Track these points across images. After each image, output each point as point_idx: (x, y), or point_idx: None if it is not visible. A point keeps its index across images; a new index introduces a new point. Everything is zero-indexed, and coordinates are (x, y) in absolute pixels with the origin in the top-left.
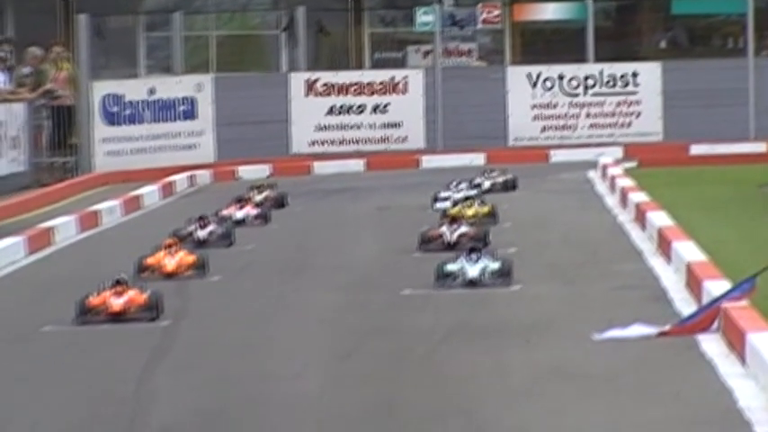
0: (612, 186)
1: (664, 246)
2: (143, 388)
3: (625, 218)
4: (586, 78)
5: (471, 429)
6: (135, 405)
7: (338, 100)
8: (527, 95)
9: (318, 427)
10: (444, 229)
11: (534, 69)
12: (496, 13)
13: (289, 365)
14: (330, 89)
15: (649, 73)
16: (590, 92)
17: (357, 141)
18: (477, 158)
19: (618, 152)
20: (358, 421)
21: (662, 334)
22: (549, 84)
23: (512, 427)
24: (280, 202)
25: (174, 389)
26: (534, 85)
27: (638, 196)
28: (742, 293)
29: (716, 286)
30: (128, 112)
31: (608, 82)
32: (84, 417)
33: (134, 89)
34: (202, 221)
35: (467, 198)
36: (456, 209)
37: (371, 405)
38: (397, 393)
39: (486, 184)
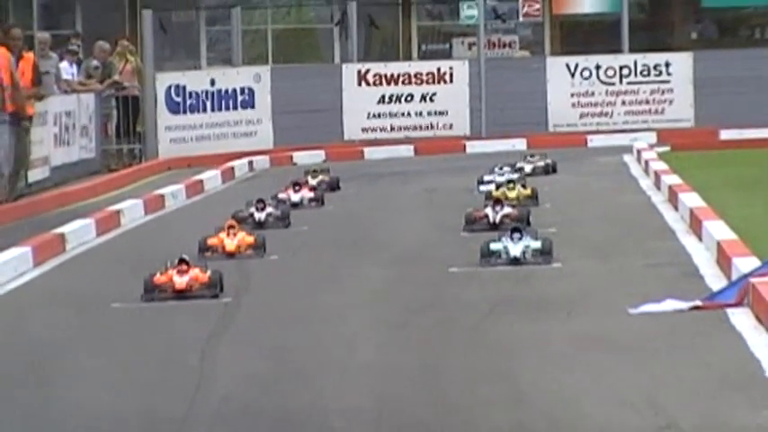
0: (647, 169)
1: (695, 225)
2: (206, 359)
3: (658, 199)
4: (622, 68)
5: (514, 393)
6: (199, 374)
7: (388, 89)
8: (566, 84)
9: (370, 391)
10: (488, 210)
11: (573, 60)
12: (537, 6)
13: (342, 336)
14: (380, 79)
15: (681, 63)
16: (625, 81)
17: (406, 128)
18: (519, 144)
19: (652, 137)
20: (408, 387)
21: (694, 308)
22: (586, 73)
23: (550, 391)
24: (333, 186)
25: (234, 359)
26: (573, 74)
27: (671, 178)
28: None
29: (745, 263)
30: (190, 101)
31: (642, 71)
32: (152, 386)
33: (196, 80)
34: (261, 204)
35: (509, 181)
36: (499, 191)
37: (420, 371)
38: (445, 360)
39: (528, 168)
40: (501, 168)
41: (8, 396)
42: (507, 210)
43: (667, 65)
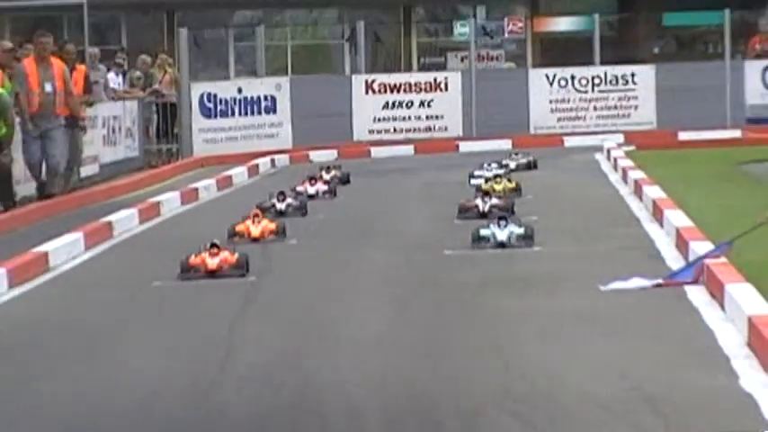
0: (615, 166)
1: (657, 214)
2: (234, 331)
3: (625, 191)
4: (593, 78)
5: (501, 362)
6: (228, 345)
7: (391, 97)
8: (545, 92)
9: (381, 360)
10: (478, 201)
11: (551, 71)
12: (520, 25)
13: (354, 312)
14: (385, 88)
15: (645, 74)
16: (596, 89)
17: (407, 130)
18: (505, 144)
19: (619, 138)
20: (410, 357)
21: (657, 285)
22: (563, 83)
23: (533, 360)
24: (344, 180)
25: (259, 332)
26: (551, 83)
27: (636, 173)
28: (721, 252)
29: (700, 246)
30: (220, 107)
31: (611, 81)
32: (187, 353)
33: (225, 89)
34: (281, 196)
35: (496, 176)
36: (488, 184)
37: (422, 343)
38: (442, 333)
39: (512, 165)
40: (489, 165)
41: (66, 363)
42: (494, 200)
43: (633, 75)
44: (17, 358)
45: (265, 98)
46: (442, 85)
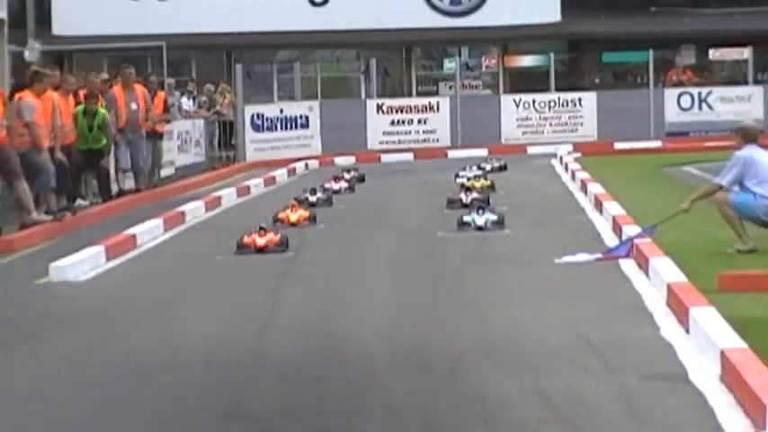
0: (566, 168)
1: (598, 205)
2: (277, 294)
3: (574, 187)
4: (550, 101)
5: (479, 318)
6: (272, 304)
7: (396, 116)
8: (513, 112)
9: (387, 316)
10: (462, 195)
11: (517, 96)
12: (494, 61)
13: (366, 279)
14: (391, 109)
15: (588, 98)
16: (552, 110)
17: (408, 142)
18: (482, 151)
19: (569, 147)
20: (411, 314)
21: (598, 259)
22: (527, 105)
23: (504, 317)
24: (361, 179)
25: (296, 295)
26: (518, 106)
27: (582, 174)
28: (647, 234)
29: (630, 229)
30: (267, 123)
31: (563, 104)
32: (241, 310)
33: (270, 110)
34: (313, 191)
35: (476, 176)
36: (469, 182)
37: (418, 303)
38: (434, 297)
39: (488, 167)
40: (470, 167)
41: (148, 317)
42: (474, 195)
43: (579, 100)
44: (110, 316)
45: (300, 117)
46: (435, 107)
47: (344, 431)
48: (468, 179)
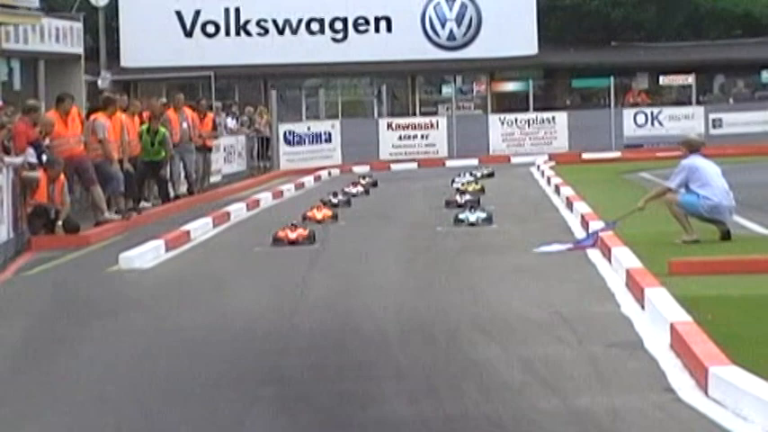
0: (543, 174)
1: (569, 204)
2: (306, 278)
3: (549, 191)
4: (529, 120)
5: (472, 297)
6: (302, 287)
7: (403, 132)
8: (499, 129)
9: (396, 297)
10: (458, 196)
11: (503, 115)
12: (483, 87)
13: (379, 266)
14: (399, 126)
15: (561, 117)
16: (531, 127)
17: (413, 153)
18: (474, 161)
19: (545, 157)
20: (415, 295)
21: (569, 249)
22: (510, 122)
23: (492, 296)
24: (374, 184)
25: (322, 279)
26: (503, 123)
27: (556, 179)
28: (610, 228)
29: (596, 224)
30: (297, 138)
31: (540, 121)
32: (274, 293)
33: (299, 127)
34: (335, 194)
35: (469, 181)
36: (463, 186)
37: (422, 286)
38: (435, 279)
39: (479, 174)
40: (464, 174)
41: (199, 298)
42: (468, 196)
43: (553, 118)
44: (168, 296)
45: (325, 133)
46: (435, 125)
47: (362, 392)
48: (463, 184)
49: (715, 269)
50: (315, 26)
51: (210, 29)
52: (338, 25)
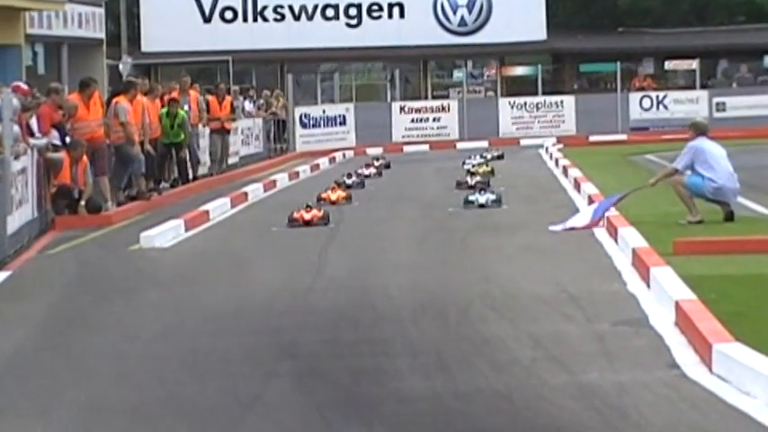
0: (551, 157)
1: (576, 185)
2: (321, 257)
3: (558, 172)
4: (537, 104)
5: (483, 276)
6: (318, 264)
7: (416, 115)
8: (509, 112)
9: (409, 274)
10: (468, 178)
11: (512, 99)
12: (493, 71)
13: (392, 245)
14: (411, 110)
15: (569, 100)
16: (540, 110)
17: (425, 136)
18: (484, 143)
19: (553, 140)
20: (428, 273)
21: (585, 227)
22: (519, 106)
23: (503, 274)
24: (387, 166)
25: (336, 258)
26: (512, 107)
27: (564, 161)
28: (623, 198)
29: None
30: (312, 121)
31: (548, 105)
32: (291, 271)
33: (315, 110)
34: (349, 175)
35: (479, 163)
36: (474, 168)
37: (434, 264)
38: (447, 258)
39: (489, 156)
40: (474, 156)
41: (218, 275)
42: (478, 178)
43: (561, 102)
44: (188, 274)
45: (339, 116)
46: (447, 108)
47: (376, 368)
48: (473, 166)
49: (719, 249)
50: (330, 12)
51: (228, 15)
52: (353, 11)
